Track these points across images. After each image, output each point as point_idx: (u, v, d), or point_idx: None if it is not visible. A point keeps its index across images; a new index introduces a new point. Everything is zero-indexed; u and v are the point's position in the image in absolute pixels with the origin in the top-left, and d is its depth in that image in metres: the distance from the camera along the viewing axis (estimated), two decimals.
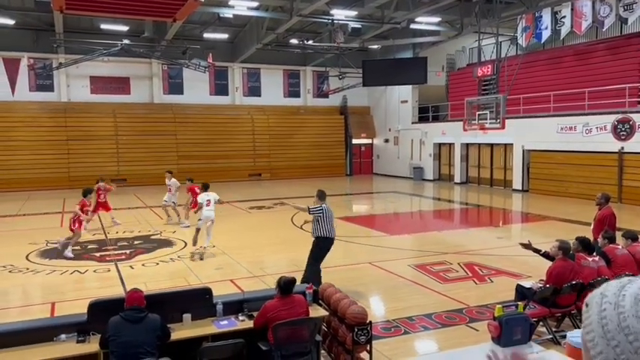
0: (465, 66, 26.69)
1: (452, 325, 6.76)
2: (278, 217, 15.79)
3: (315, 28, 24.95)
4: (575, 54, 20.68)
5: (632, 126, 16.88)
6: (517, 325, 4.03)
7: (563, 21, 19.58)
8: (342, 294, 5.71)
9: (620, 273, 6.53)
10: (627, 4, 17.37)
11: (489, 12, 19.49)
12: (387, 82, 25.39)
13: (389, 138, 30.02)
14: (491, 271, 9.34)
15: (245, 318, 5.26)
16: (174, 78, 27.34)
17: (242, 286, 8.30)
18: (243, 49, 26.34)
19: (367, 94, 31.12)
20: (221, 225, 13.59)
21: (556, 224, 14.07)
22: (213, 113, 27.59)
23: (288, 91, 30.15)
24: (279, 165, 28.54)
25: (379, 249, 11.35)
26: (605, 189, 14.81)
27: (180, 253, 11.02)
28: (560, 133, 19.26)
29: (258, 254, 11.00)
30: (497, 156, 23.26)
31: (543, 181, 20.21)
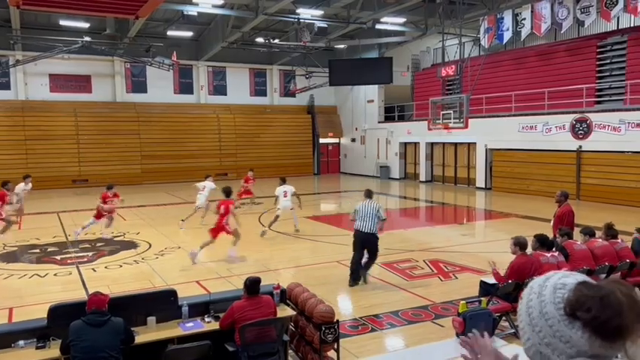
0: (430, 66, 27.11)
1: (418, 322, 6.85)
2: (245, 217, 15.65)
3: (282, 27, 24.88)
4: (535, 55, 21.26)
5: (589, 125, 17.46)
6: (480, 321, 4.12)
7: (523, 23, 20.06)
8: (310, 293, 5.72)
9: (578, 267, 6.75)
10: (584, 7, 17.95)
11: (453, 13, 19.83)
12: (353, 81, 25.53)
13: (356, 137, 30.20)
14: (455, 268, 9.51)
15: (211, 319, 5.20)
16: (138, 76, 26.79)
17: (208, 288, 8.21)
18: (208, 47, 26.04)
19: (334, 94, 31.23)
20: (186, 225, 13.41)
21: (518, 221, 14.43)
22: (178, 112, 27.17)
23: (254, 90, 29.96)
24: (246, 164, 28.21)
25: (347, 247, 11.36)
26: (564, 186, 15.29)
27: (144, 255, 10.81)
28: (522, 132, 19.77)
29: (225, 255, 10.88)
30: (461, 155, 23.70)
31: (505, 179, 20.70)
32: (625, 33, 18.54)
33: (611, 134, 16.79)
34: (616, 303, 1.13)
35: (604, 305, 1.13)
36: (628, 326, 1.11)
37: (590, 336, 1.13)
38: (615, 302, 1.13)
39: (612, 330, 1.12)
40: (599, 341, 1.13)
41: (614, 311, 1.12)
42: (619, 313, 1.12)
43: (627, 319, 1.11)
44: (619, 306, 1.12)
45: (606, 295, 1.14)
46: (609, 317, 1.12)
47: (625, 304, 1.12)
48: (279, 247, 11.94)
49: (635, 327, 1.12)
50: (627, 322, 1.11)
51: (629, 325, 1.11)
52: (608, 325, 1.12)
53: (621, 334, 1.12)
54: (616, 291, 1.15)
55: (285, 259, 10.65)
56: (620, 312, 1.12)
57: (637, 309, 1.13)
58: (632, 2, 16.44)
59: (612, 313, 1.12)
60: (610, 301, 1.13)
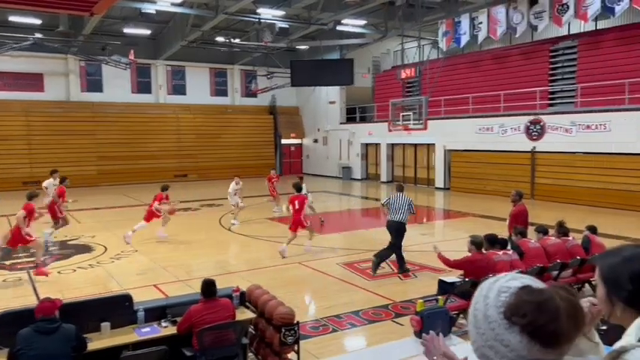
0: (390, 68, 27.45)
1: (378, 321, 6.90)
2: (205, 219, 15.48)
3: (242, 27, 24.67)
4: (491, 58, 21.83)
5: (543, 127, 18.05)
6: (438, 319, 4.17)
7: (480, 27, 20.58)
8: (270, 295, 5.67)
9: (532, 265, 6.95)
10: (537, 12, 18.55)
11: (412, 16, 20.13)
12: (314, 82, 25.56)
13: (318, 138, 30.26)
14: (415, 267, 9.64)
15: (168, 324, 5.09)
16: (93, 75, 26.04)
17: (166, 291, 8.04)
18: (166, 46, 25.56)
19: (296, 94, 31.20)
20: (144, 229, 13.11)
21: (476, 220, 14.77)
22: (136, 112, 26.55)
23: (214, 90, 29.61)
24: (207, 165, 27.96)
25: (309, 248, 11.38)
26: (519, 186, 15.75)
27: (100, 259, 10.50)
28: (479, 134, 20.25)
29: (184, 257, 10.70)
30: (421, 156, 24.09)
31: (463, 179, 21.16)
32: (576, 38, 19.27)
33: (563, 135, 17.40)
34: (553, 309, 1.14)
35: (541, 311, 1.14)
36: (565, 332, 1.13)
37: (528, 341, 1.15)
38: (552, 308, 1.14)
39: (549, 335, 1.13)
40: (538, 346, 1.14)
41: (551, 317, 1.14)
42: (555, 318, 1.14)
43: (564, 325, 1.13)
44: (556, 312, 1.14)
45: (544, 301, 1.16)
46: (545, 322, 1.13)
47: (562, 310, 1.14)
48: (240, 249, 11.82)
49: (573, 333, 1.14)
50: (564, 327, 1.13)
51: (565, 331, 1.13)
52: (544, 330, 1.13)
53: (558, 340, 1.14)
54: (555, 297, 1.16)
55: (245, 261, 10.55)
56: (556, 318, 1.14)
57: (575, 315, 1.15)
58: (582, 9, 17.10)
59: (548, 318, 1.14)
60: (547, 307, 1.15)
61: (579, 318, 1.16)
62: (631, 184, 15.53)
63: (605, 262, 1.55)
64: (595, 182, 16.37)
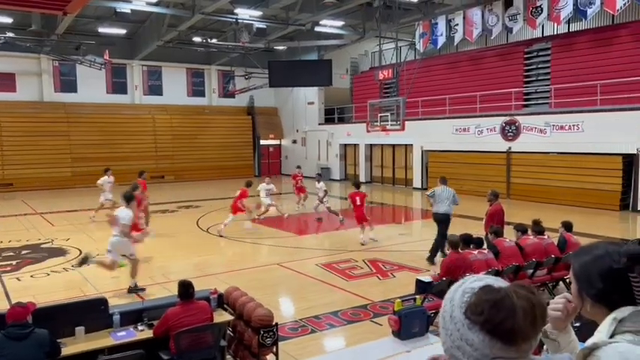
0: (368, 69, 27.57)
1: (357, 322, 6.92)
2: (182, 221, 15.32)
3: (220, 27, 24.51)
4: (467, 60, 22.09)
5: (518, 127, 18.34)
6: (415, 318, 4.20)
7: (456, 28, 20.82)
8: (248, 297, 5.64)
9: (508, 264, 7.06)
10: (512, 14, 18.84)
11: (389, 17, 20.25)
12: (293, 83, 25.54)
13: (296, 139, 30.23)
14: (393, 267, 9.70)
15: (145, 327, 5.02)
16: (67, 75, 25.56)
17: (143, 295, 7.93)
18: (142, 45, 25.24)
19: (274, 95, 31.11)
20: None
21: (453, 220, 14.85)
22: (111, 113, 26.14)
23: (192, 91, 29.35)
24: (184, 166, 27.68)
25: (288, 249, 11.38)
26: (495, 186, 15.96)
27: (74, 262, 10.29)
28: (455, 134, 20.47)
29: (161, 260, 10.57)
30: (399, 156, 24.25)
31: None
32: (549, 40, 19.63)
33: (537, 136, 17.71)
34: (509, 306, 1.16)
35: (497, 309, 1.16)
36: (521, 329, 1.15)
37: (489, 339, 1.17)
38: (508, 305, 1.16)
39: (506, 332, 1.15)
40: (499, 344, 1.16)
41: (507, 314, 1.16)
42: (511, 316, 1.15)
43: (520, 322, 1.15)
44: (512, 309, 1.16)
45: (500, 299, 1.18)
46: (502, 320, 1.15)
47: (519, 308, 1.16)
48: (218, 250, 11.73)
49: (531, 330, 1.16)
50: (520, 325, 1.15)
51: (522, 328, 1.15)
52: (501, 327, 1.15)
53: (515, 337, 1.16)
54: (512, 295, 1.19)
55: (223, 263, 10.48)
56: (512, 315, 1.16)
57: (533, 313, 1.17)
58: (555, 11, 17.43)
59: (504, 316, 1.16)
60: (503, 305, 1.17)
61: (537, 316, 1.18)
62: (603, 184, 15.88)
63: (577, 260, 1.58)
64: (569, 182, 16.69)
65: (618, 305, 1.46)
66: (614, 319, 1.44)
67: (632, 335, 1.39)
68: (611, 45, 17.21)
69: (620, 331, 1.42)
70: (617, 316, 1.44)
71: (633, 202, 15.51)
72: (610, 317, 1.46)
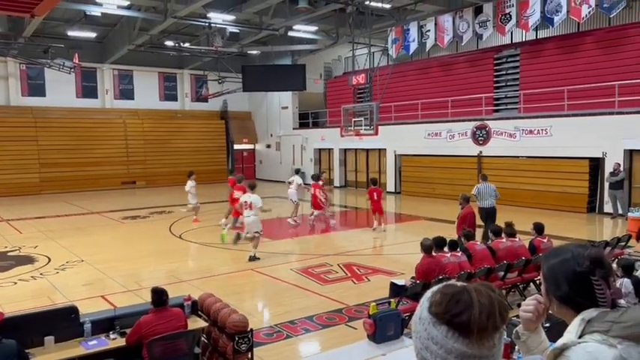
0: (341, 74, 27.73)
1: (332, 326, 6.92)
2: (155, 227, 15.10)
3: (192, 31, 24.32)
4: (439, 65, 22.43)
5: (488, 132, 18.69)
6: (390, 322, 4.24)
7: (428, 34, 21.12)
8: (222, 303, 5.60)
9: (480, 266, 7.18)
10: (482, 21, 19.22)
11: (362, 23, 20.43)
12: (267, 87, 25.50)
13: (271, 143, 30.15)
14: (368, 271, 9.74)
15: (117, 336, 4.93)
16: (35, 79, 24.96)
17: (115, 302, 7.78)
18: (113, 49, 24.85)
19: (248, 100, 30.99)
20: (90, 237, 12.69)
21: (425, 223, 15.09)
22: (81, 117, 25.63)
23: (164, 95, 28.99)
24: (156, 172, 27.30)
25: (262, 254, 11.31)
26: (466, 189, 16.13)
27: (43, 270, 10.05)
28: (428, 139, 20.73)
29: (133, 267, 10.41)
30: (373, 160, 24.42)
31: (413, 183, 21.59)
32: (518, 46, 20.08)
33: (507, 140, 18.07)
34: (467, 299, 1.21)
35: (456, 301, 1.21)
36: (477, 322, 1.19)
37: (451, 333, 1.20)
38: (466, 298, 1.21)
39: (463, 324, 1.19)
40: (461, 338, 1.20)
41: (464, 306, 1.20)
42: (468, 307, 1.20)
43: (477, 315, 1.19)
44: (469, 302, 1.21)
45: (458, 292, 1.23)
46: (459, 312, 1.20)
47: (476, 302, 1.21)
48: (191, 257, 11.61)
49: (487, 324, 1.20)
50: (476, 317, 1.19)
51: (478, 321, 1.19)
52: (458, 318, 1.20)
53: (471, 329, 1.19)
54: (470, 290, 1.24)
55: (197, 269, 10.37)
56: (469, 307, 1.20)
57: (491, 309, 1.21)
58: (523, 19, 17.86)
59: (462, 307, 1.20)
60: (461, 297, 1.22)
61: (494, 312, 1.21)
62: (571, 187, 16.29)
63: (546, 262, 1.64)
64: (538, 185, 17.06)
65: (583, 307, 1.51)
66: (582, 320, 1.49)
67: (600, 335, 1.43)
68: (577, 52, 17.71)
69: (589, 331, 1.46)
70: (585, 317, 1.49)
71: (599, 204, 15.95)
72: (578, 318, 1.51)
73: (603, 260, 1.55)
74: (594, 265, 1.52)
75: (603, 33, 17.63)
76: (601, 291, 1.50)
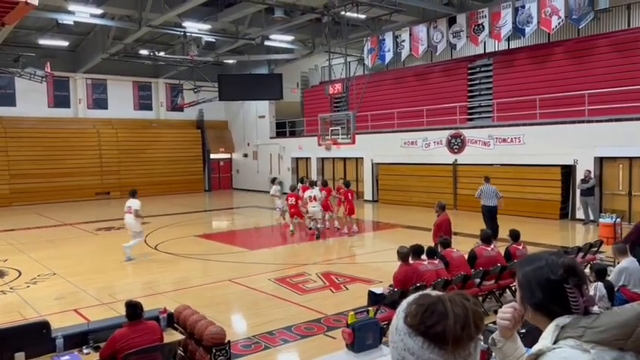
0: (318, 84, 27.84)
1: (311, 336, 6.89)
2: (129, 238, 14.83)
3: (167, 40, 24.16)
4: (414, 75, 22.70)
5: (463, 140, 18.95)
6: (368, 330, 4.23)
7: (403, 44, 21.38)
8: (199, 315, 5.53)
9: (457, 273, 7.24)
10: (455, 31, 19.55)
11: (338, 33, 20.58)
12: (243, 96, 25.45)
13: (248, 152, 30.02)
14: (346, 279, 9.74)
15: (90, 350, 4.82)
16: (5, 88, 24.40)
17: (88, 316, 7.61)
18: (86, 58, 24.49)
19: (224, 109, 30.83)
20: (63, 249, 12.41)
21: (403, 231, 15.19)
22: (53, 127, 25.13)
23: (138, 104, 28.65)
24: (131, 182, 26.75)
25: (240, 265, 11.23)
26: (442, 197, 16.38)
27: (13, 284, 9.78)
28: (404, 147, 20.92)
29: (108, 279, 10.20)
30: (350, 169, 24.51)
31: (390, 191, 21.73)
32: (491, 56, 20.47)
33: (481, 148, 18.35)
34: (441, 309, 1.21)
35: (431, 312, 1.21)
36: (452, 332, 1.19)
37: (427, 344, 1.20)
38: (441, 309, 1.22)
39: (438, 335, 1.20)
40: (437, 349, 1.20)
41: (439, 317, 1.21)
42: (443, 318, 1.20)
43: (452, 325, 1.20)
44: (444, 312, 1.21)
45: (432, 303, 1.23)
46: (434, 323, 1.20)
47: (450, 312, 1.21)
48: (167, 268, 11.44)
49: (461, 334, 1.20)
50: (452, 327, 1.19)
51: (453, 331, 1.19)
52: (432, 329, 1.20)
53: (447, 340, 1.19)
54: (445, 301, 1.24)
55: (173, 281, 10.22)
56: (444, 317, 1.20)
57: (466, 318, 1.22)
58: (495, 29, 18.23)
59: (437, 318, 1.20)
60: (436, 308, 1.22)
61: (469, 321, 1.21)
62: (544, 194, 16.60)
63: (521, 269, 1.66)
64: (511, 192, 17.26)
65: (556, 315, 1.54)
66: (556, 326, 1.51)
67: (574, 340, 1.46)
68: (548, 62, 18.13)
69: (563, 337, 1.48)
70: (560, 323, 1.52)
71: (572, 211, 16.29)
72: (553, 324, 1.53)
73: (577, 268, 1.58)
74: (568, 274, 1.54)
75: (573, 43, 18.10)
76: (574, 299, 1.53)
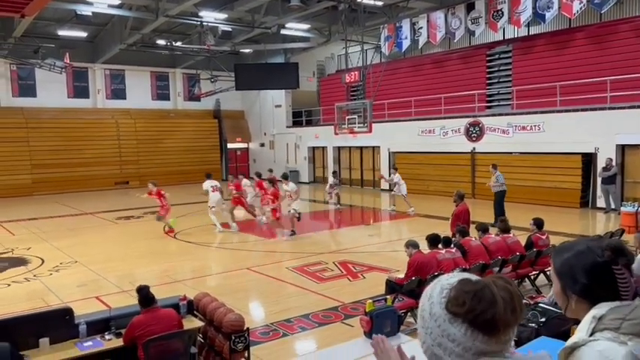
0: (335, 72, 27.68)
1: (328, 324, 6.92)
2: (148, 227, 15.02)
3: (184, 30, 24.23)
4: (431, 62, 22.45)
5: (482, 128, 18.74)
6: (386, 318, 4.24)
7: (420, 31, 21.14)
8: (218, 303, 5.58)
9: (475, 262, 7.19)
10: (474, 18, 19.26)
11: (355, 21, 20.41)
12: (259, 86, 25.46)
13: (264, 142, 30.09)
14: (363, 268, 9.75)
15: (112, 337, 4.90)
16: (25, 79, 24.76)
17: (110, 303, 7.75)
18: (105, 48, 24.70)
19: (241, 98, 30.89)
20: (84, 237, 12.62)
21: (419, 220, 15.12)
22: (72, 117, 25.46)
23: (156, 94, 28.85)
24: (149, 172, 27.08)
25: (257, 253, 11.33)
26: (460, 186, 16.26)
27: (36, 272, 9.99)
28: (421, 136, 20.76)
29: (128, 267, 10.36)
30: (367, 158, 24.43)
31: (407, 180, 21.50)
32: (510, 43, 20.13)
33: (500, 137, 18.12)
34: (489, 295, 1.19)
35: (478, 298, 1.19)
36: (502, 318, 1.18)
37: (472, 331, 1.19)
38: (489, 295, 1.19)
39: (487, 322, 1.18)
40: (481, 336, 1.18)
41: (488, 303, 1.18)
42: (492, 304, 1.18)
43: (501, 311, 1.18)
44: (492, 298, 1.19)
45: (480, 289, 1.21)
46: (483, 310, 1.18)
47: (499, 297, 1.19)
48: (186, 256, 11.57)
49: (511, 318, 1.19)
50: (501, 314, 1.18)
51: (503, 317, 1.18)
52: (482, 317, 1.18)
53: (496, 326, 1.18)
54: (491, 285, 1.21)
55: (192, 269, 10.34)
56: (493, 304, 1.18)
57: (512, 303, 1.20)
58: (515, 15, 17.91)
59: (486, 305, 1.18)
60: (484, 294, 1.19)
61: (516, 305, 1.20)
62: (564, 182, 16.37)
63: (559, 257, 1.57)
64: (531, 181, 17.13)
65: (602, 300, 1.47)
66: (593, 317, 1.45)
67: (611, 332, 1.39)
68: (568, 47, 17.78)
69: (600, 329, 1.42)
70: (596, 314, 1.45)
71: (592, 199, 16.04)
72: (589, 315, 1.46)
73: (624, 248, 1.50)
74: (616, 254, 1.47)
75: (594, 29, 17.70)
76: (624, 280, 1.46)
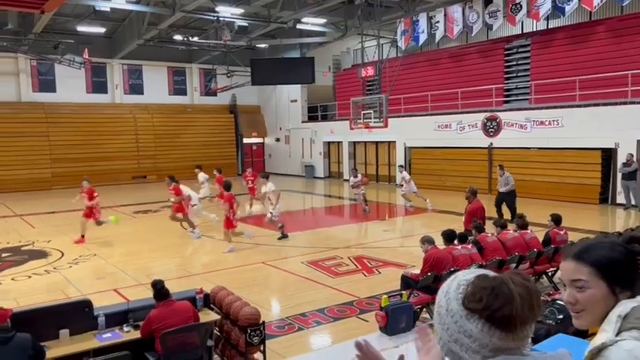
0: (350, 67, 27.60)
1: (343, 318, 6.94)
2: (166, 221, 15.15)
3: (201, 25, 24.31)
4: (448, 57, 22.25)
5: (499, 123, 18.54)
6: (402, 314, 4.23)
7: (437, 25, 20.95)
8: (235, 296, 5.62)
9: (491, 258, 7.14)
10: (492, 11, 19.03)
11: (371, 15, 20.29)
12: (275, 81, 25.46)
13: (280, 137, 30.16)
14: (378, 263, 9.74)
15: (130, 329, 4.98)
16: (45, 74, 25.12)
17: (127, 296, 7.86)
18: (122, 44, 24.92)
19: (257, 93, 30.97)
20: (103, 231, 12.77)
21: (435, 216, 15.04)
22: (91, 112, 25.78)
23: (173, 89, 29.05)
24: (166, 166, 27.34)
25: (272, 248, 11.37)
26: (477, 181, 16.14)
27: (56, 264, 10.16)
28: (437, 131, 20.62)
29: (145, 261, 10.49)
30: (382, 153, 24.34)
31: (423, 175, 21.46)
32: (529, 36, 19.86)
33: (518, 132, 17.92)
34: (507, 292, 1.18)
35: (495, 294, 1.18)
36: (520, 314, 1.17)
37: (489, 328, 1.18)
38: (506, 291, 1.18)
39: (505, 318, 1.17)
40: (498, 332, 1.18)
41: (505, 300, 1.17)
42: (510, 301, 1.17)
43: (518, 308, 1.17)
44: (510, 295, 1.18)
45: (497, 285, 1.20)
46: (500, 306, 1.17)
47: (516, 293, 1.18)
48: (202, 250, 11.67)
49: (529, 315, 1.18)
50: (518, 310, 1.17)
51: (520, 313, 1.17)
52: (499, 313, 1.17)
53: (514, 323, 1.17)
54: (508, 281, 1.20)
55: (208, 263, 10.43)
56: (510, 300, 1.17)
57: (530, 299, 1.19)
58: (534, 8, 17.65)
59: (503, 301, 1.17)
60: (501, 291, 1.18)
61: (533, 302, 1.19)
62: (583, 178, 16.13)
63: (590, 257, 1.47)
64: (549, 176, 16.92)
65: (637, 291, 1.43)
66: (618, 317, 1.41)
67: (638, 331, 1.36)
68: (588, 41, 17.48)
69: (626, 328, 1.38)
70: (621, 313, 1.41)
71: (612, 195, 15.79)
72: (614, 314, 1.42)
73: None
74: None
75: (615, 22, 17.37)
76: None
